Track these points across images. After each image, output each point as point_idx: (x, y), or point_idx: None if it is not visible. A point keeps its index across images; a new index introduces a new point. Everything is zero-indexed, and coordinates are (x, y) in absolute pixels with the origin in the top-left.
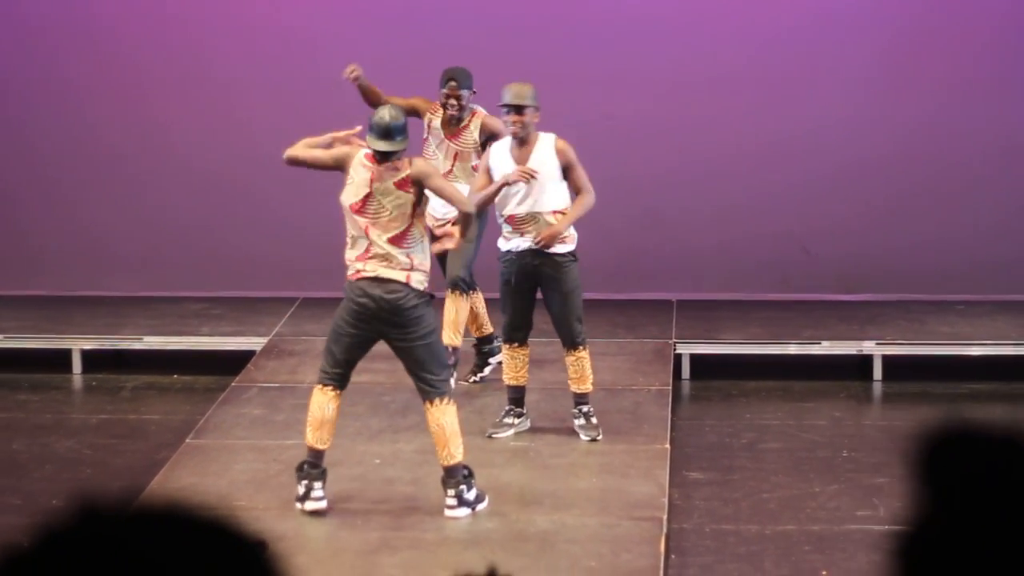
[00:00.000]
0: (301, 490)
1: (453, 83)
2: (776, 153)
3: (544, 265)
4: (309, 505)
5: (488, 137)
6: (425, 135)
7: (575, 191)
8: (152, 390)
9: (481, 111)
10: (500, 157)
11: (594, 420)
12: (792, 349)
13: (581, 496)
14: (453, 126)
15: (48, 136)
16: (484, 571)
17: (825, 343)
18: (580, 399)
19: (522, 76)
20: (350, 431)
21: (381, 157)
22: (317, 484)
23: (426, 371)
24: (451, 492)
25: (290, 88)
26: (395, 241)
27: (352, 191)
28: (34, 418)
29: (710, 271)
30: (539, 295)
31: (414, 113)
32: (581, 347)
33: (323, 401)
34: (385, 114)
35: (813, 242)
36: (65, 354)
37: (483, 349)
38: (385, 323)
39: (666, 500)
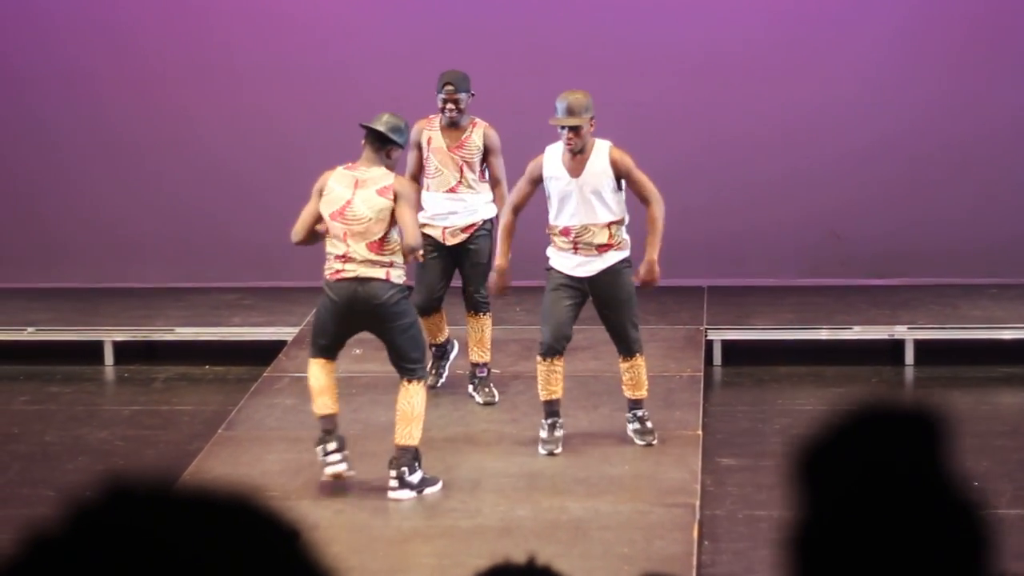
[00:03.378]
0: (320, 455)
1: (450, 87)
2: (806, 138)
3: (600, 278)
4: (328, 469)
5: (486, 153)
6: (425, 155)
7: (641, 200)
8: (184, 381)
9: (482, 122)
10: (553, 166)
11: (649, 424)
12: (823, 334)
13: (614, 483)
14: (454, 133)
15: (76, 130)
16: (523, 560)
17: (857, 328)
18: (635, 404)
19: (544, 63)
20: (382, 420)
21: (375, 137)
22: (331, 447)
23: (405, 358)
24: (393, 473)
25: (313, 80)
26: (373, 247)
27: (332, 200)
28: (67, 410)
29: (741, 257)
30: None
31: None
32: (638, 354)
33: (316, 372)
34: (384, 117)
35: (844, 227)
36: (97, 346)
37: (443, 351)
38: (367, 319)
39: (699, 486)
